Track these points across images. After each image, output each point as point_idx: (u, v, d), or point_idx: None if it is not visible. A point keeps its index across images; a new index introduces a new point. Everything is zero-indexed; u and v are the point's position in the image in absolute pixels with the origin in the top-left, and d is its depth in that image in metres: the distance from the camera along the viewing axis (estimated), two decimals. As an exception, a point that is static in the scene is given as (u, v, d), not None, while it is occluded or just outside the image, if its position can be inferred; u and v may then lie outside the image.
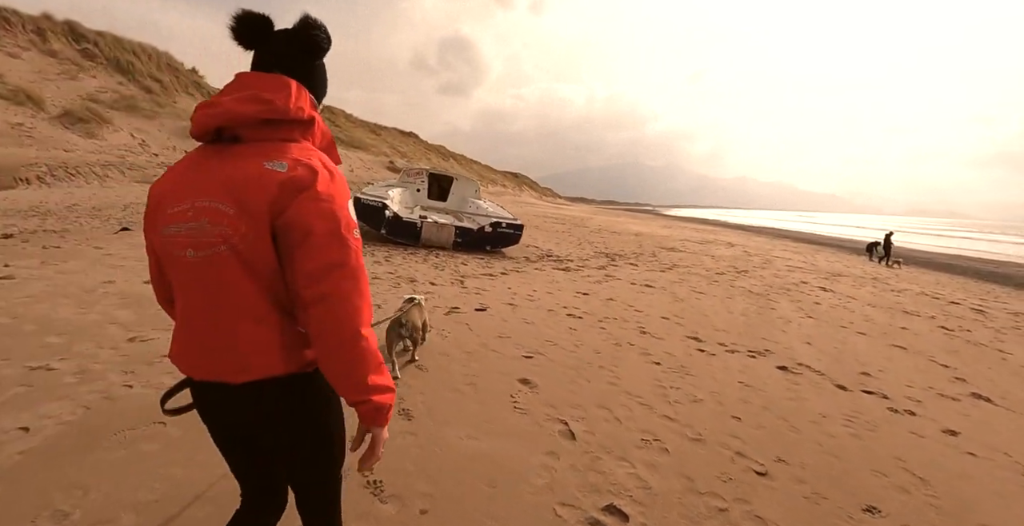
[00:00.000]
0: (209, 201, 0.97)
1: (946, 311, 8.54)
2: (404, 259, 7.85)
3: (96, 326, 3.58)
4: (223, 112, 0.99)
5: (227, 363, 1.01)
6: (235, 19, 1.06)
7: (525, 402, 3.13)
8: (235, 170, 0.98)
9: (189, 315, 1.04)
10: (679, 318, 5.97)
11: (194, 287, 1.00)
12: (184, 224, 0.97)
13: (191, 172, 1.03)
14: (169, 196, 1.02)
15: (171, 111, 22.55)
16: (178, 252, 0.98)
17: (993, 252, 28.11)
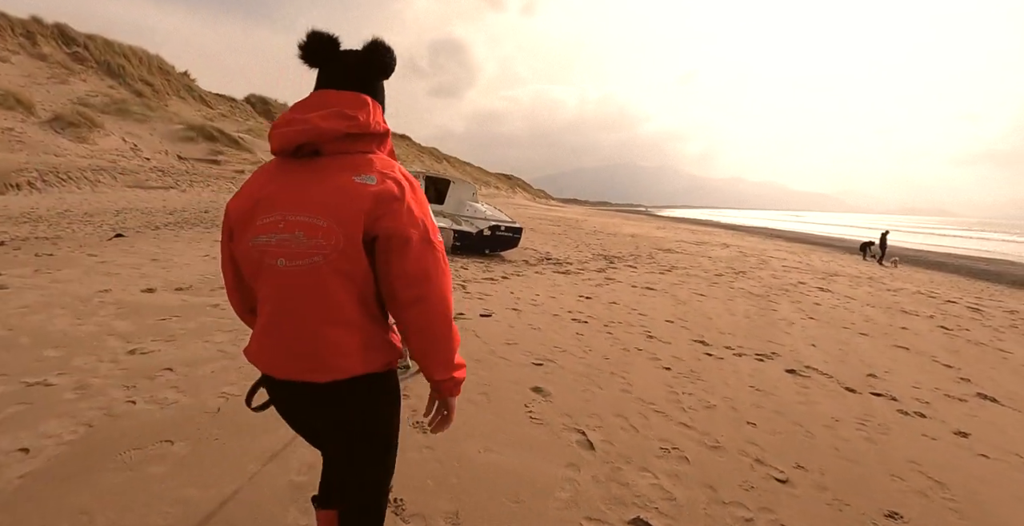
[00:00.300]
0: (303, 215, 1.03)
1: (943, 310, 8.57)
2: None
3: (94, 338, 3.46)
4: (311, 128, 1.04)
5: (313, 364, 1.07)
6: (306, 38, 1.11)
7: (540, 412, 3.05)
8: (326, 185, 1.05)
9: (277, 320, 1.08)
10: (683, 321, 5.91)
11: (284, 294, 1.06)
12: (276, 235, 1.04)
13: (276, 185, 1.09)
14: (257, 208, 1.08)
15: (163, 115, 22.29)
16: (269, 261, 1.05)
17: (982, 250, 28.43)
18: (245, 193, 1.12)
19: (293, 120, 1.06)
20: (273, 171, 1.11)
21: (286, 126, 1.06)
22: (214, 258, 6.81)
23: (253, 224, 1.07)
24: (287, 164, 1.11)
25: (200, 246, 7.83)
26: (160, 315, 4.09)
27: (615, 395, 3.48)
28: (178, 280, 5.38)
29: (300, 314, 1.05)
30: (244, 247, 1.10)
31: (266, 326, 1.10)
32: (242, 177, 21.51)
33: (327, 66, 1.13)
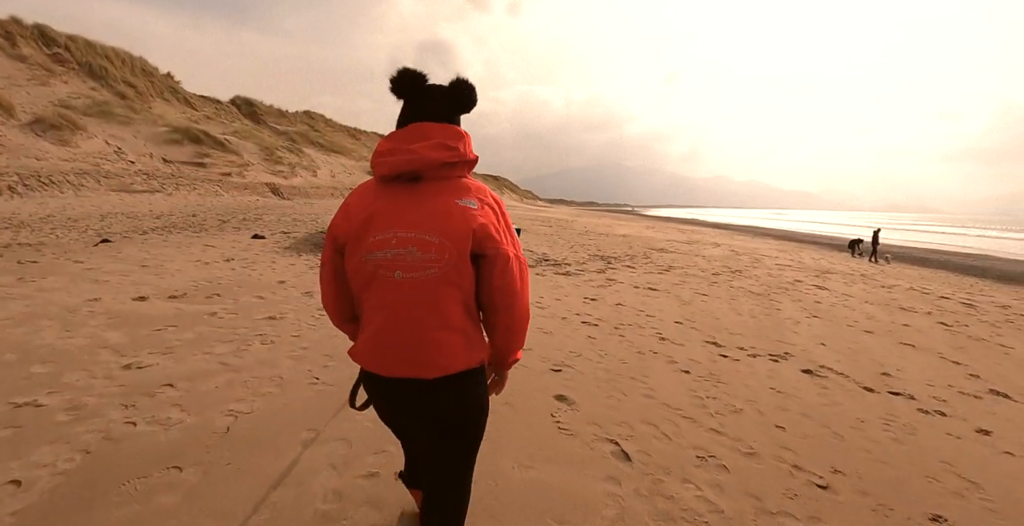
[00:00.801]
0: (414, 233, 1.16)
1: (939, 306, 8.57)
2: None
3: (86, 352, 3.21)
4: (418, 158, 1.17)
5: (422, 363, 1.20)
6: (398, 74, 1.23)
7: (568, 421, 2.88)
8: (433, 206, 1.19)
9: (391, 325, 1.20)
10: (692, 322, 5.79)
11: (400, 302, 1.19)
12: (390, 251, 1.17)
13: (384, 206, 1.21)
14: (369, 226, 1.20)
15: (147, 117, 21.72)
16: (384, 273, 1.18)
17: (966, 246, 28.84)
18: (351, 212, 1.24)
19: (397, 149, 1.19)
20: (377, 193, 1.24)
21: (391, 155, 1.19)
22: (206, 263, 6.53)
23: (366, 241, 1.19)
24: (390, 187, 1.24)
25: (191, 251, 7.53)
26: (154, 325, 3.84)
27: (640, 401, 3.33)
28: (171, 287, 5.11)
29: (414, 319, 1.19)
30: (357, 261, 1.22)
31: (380, 330, 1.22)
32: (229, 180, 21.03)
33: (417, 99, 1.25)
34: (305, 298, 5.09)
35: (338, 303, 1.36)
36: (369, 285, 1.21)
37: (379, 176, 1.24)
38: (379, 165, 1.21)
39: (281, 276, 6.11)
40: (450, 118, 1.26)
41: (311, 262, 7.32)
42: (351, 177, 36.81)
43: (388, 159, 1.19)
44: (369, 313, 1.24)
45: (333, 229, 1.27)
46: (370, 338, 1.24)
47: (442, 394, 1.24)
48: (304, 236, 10.46)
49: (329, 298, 1.37)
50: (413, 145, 1.18)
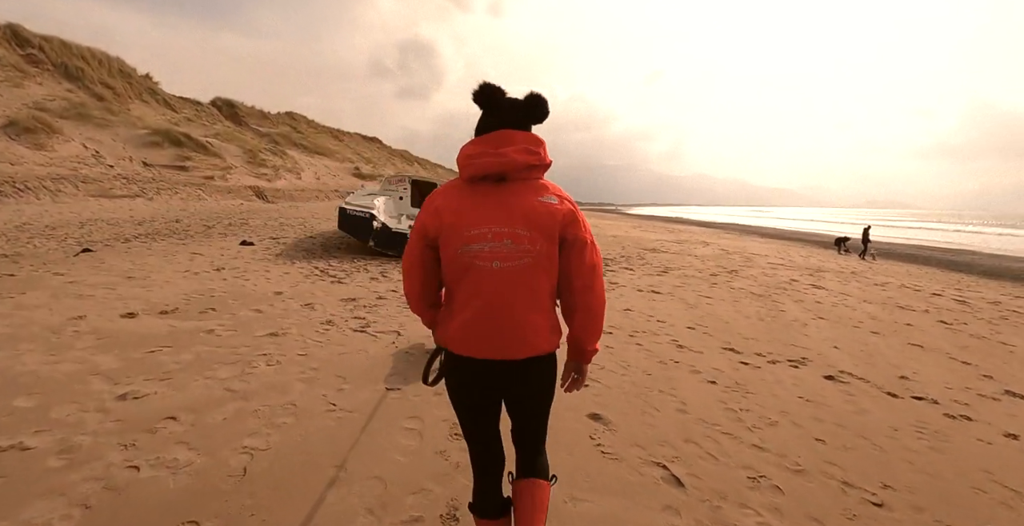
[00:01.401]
0: (507, 227, 1.29)
1: (934, 304, 8.58)
2: (399, 273, 7.23)
3: (74, 379, 2.89)
4: (508, 161, 1.30)
5: (515, 345, 1.33)
6: (481, 87, 1.34)
7: (610, 444, 2.68)
8: (521, 204, 1.31)
9: (488, 310, 1.31)
10: (704, 327, 5.64)
11: (498, 289, 1.30)
12: (487, 243, 1.29)
13: (474, 203, 1.32)
14: (461, 222, 1.31)
15: (125, 119, 20.96)
16: (483, 263, 1.30)
17: (945, 241, 29.23)
18: (441, 210, 1.34)
19: (486, 153, 1.31)
20: (465, 192, 1.35)
21: (480, 157, 1.30)
22: (196, 274, 6.18)
23: (462, 235, 1.30)
24: (479, 186, 1.35)
25: (177, 260, 7.14)
26: (147, 346, 3.52)
27: (675, 417, 3.15)
28: (161, 301, 4.77)
29: (511, 304, 1.31)
30: (452, 253, 1.33)
31: (475, 316, 1.32)
32: (212, 183, 20.39)
33: (496, 109, 1.36)
34: (306, 311, 4.79)
35: (424, 291, 1.48)
36: (465, 275, 1.32)
37: (468, 176, 1.35)
38: (469, 167, 1.33)
39: (277, 286, 5.79)
40: (526, 127, 1.38)
41: (305, 270, 6.99)
42: (336, 179, 36.15)
43: (478, 161, 1.31)
44: (462, 300, 1.35)
45: (423, 226, 1.38)
46: (464, 324, 1.35)
47: (529, 372, 1.39)
48: (294, 242, 10.09)
49: (415, 287, 1.47)
50: (501, 149, 1.31)
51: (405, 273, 1.49)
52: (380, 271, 7.32)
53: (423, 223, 1.38)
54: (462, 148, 1.37)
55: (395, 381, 3.24)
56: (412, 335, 4.31)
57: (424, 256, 1.41)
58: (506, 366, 1.35)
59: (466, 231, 1.31)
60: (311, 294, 5.51)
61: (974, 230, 48.94)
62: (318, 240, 10.64)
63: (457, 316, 1.37)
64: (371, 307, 5.13)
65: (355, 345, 3.88)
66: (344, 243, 10.29)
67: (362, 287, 6.09)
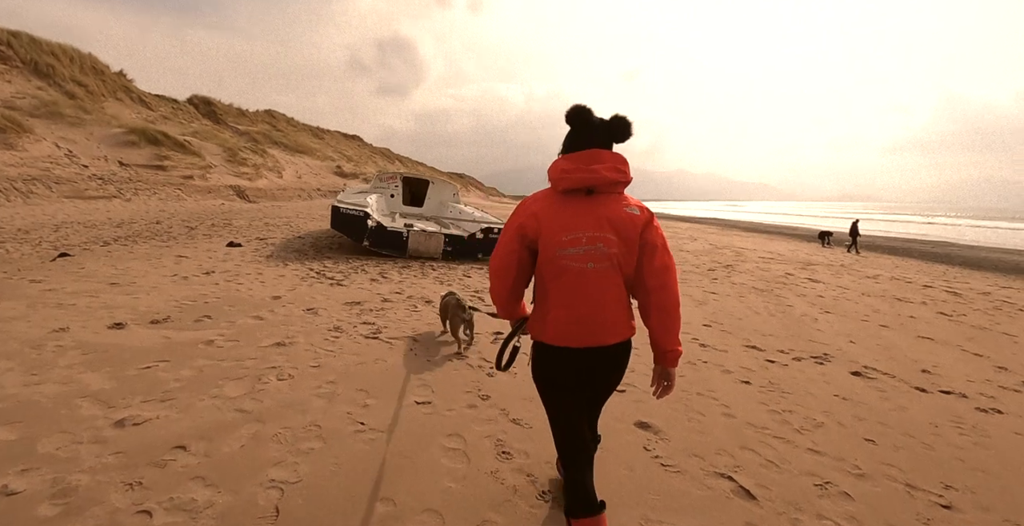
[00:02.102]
0: (597, 233, 1.47)
1: (929, 296, 8.59)
2: (401, 275, 6.88)
3: (62, 403, 2.50)
4: (598, 177, 1.48)
5: (606, 333, 1.51)
6: (573, 108, 1.53)
7: (667, 455, 2.46)
8: (609, 213, 1.49)
9: (581, 304, 1.48)
10: (719, 324, 5.46)
11: (589, 286, 1.48)
12: (582, 247, 1.47)
13: (569, 212, 1.49)
14: (557, 228, 1.48)
15: (99, 117, 19.97)
16: (578, 265, 1.47)
17: (920, 233, 29.79)
18: (540, 216, 1.50)
19: (579, 169, 1.48)
20: (560, 201, 1.51)
21: (574, 173, 1.48)
22: (185, 278, 5.75)
23: (558, 239, 1.47)
24: (571, 197, 1.51)
25: (162, 263, 6.67)
26: (141, 361, 3.14)
27: (723, 422, 2.95)
28: (150, 309, 4.36)
29: (602, 299, 1.49)
30: (550, 255, 1.49)
31: (572, 311, 1.49)
32: (191, 183, 19.60)
33: (584, 128, 1.52)
34: (309, 316, 4.43)
35: (515, 288, 1.61)
36: (562, 274, 1.47)
37: (563, 189, 1.49)
38: (563, 180, 1.48)
39: (273, 290, 5.41)
40: (609, 145, 1.52)
41: (300, 272, 6.60)
42: (318, 178, 35.27)
43: (573, 175, 1.46)
44: (558, 298, 1.50)
45: (523, 229, 1.51)
46: (562, 318, 1.49)
47: (617, 355, 1.55)
48: (283, 242, 9.63)
49: (507, 285, 1.59)
50: (592, 166, 1.46)
51: (497, 272, 1.60)
52: (379, 272, 6.96)
53: (521, 226, 1.52)
54: (555, 163, 1.53)
55: (423, 393, 2.94)
56: (428, 341, 4.00)
57: (521, 257, 1.55)
58: (598, 351, 1.51)
59: (562, 236, 1.46)
60: (311, 298, 5.14)
61: (947, 222, 50.11)
62: (307, 240, 10.19)
63: (554, 311, 1.51)
64: (378, 311, 4.80)
65: (371, 354, 3.55)
66: (336, 243, 9.87)
67: (364, 289, 5.74)
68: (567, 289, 1.48)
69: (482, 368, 3.48)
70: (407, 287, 6.03)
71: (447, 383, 3.14)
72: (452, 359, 3.60)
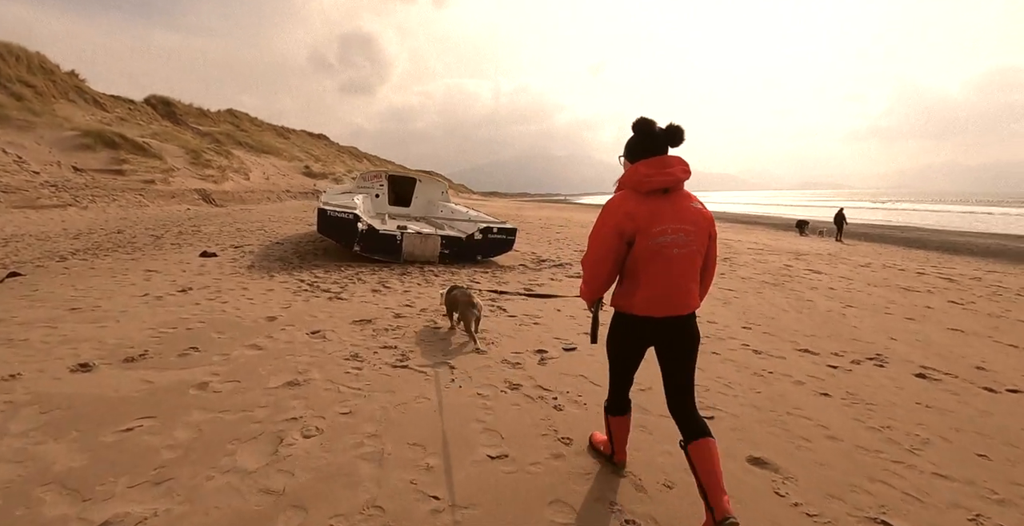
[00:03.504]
0: (679, 225, 1.74)
1: (929, 284, 8.47)
2: (403, 283, 6.18)
3: (15, 499, 1.79)
4: (675, 179, 1.76)
5: (683, 304, 1.79)
6: (641, 121, 1.84)
7: (805, 500, 2.02)
8: (685, 208, 1.78)
9: (668, 283, 1.76)
10: (756, 325, 5.04)
11: (675, 269, 1.75)
12: (670, 236, 1.73)
13: (654, 208, 1.74)
14: (649, 221, 1.73)
15: (51, 120, 18.22)
16: (667, 251, 1.73)
17: (886, 219, 30.26)
18: (633, 213, 1.74)
19: (658, 172, 1.75)
20: (644, 200, 1.76)
21: (656, 176, 1.74)
22: (159, 298, 4.93)
23: (652, 231, 1.72)
24: (651, 197, 1.76)
25: (130, 280, 5.78)
26: (120, 420, 2.40)
27: (832, 448, 2.54)
28: (122, 342, 3.58)
29: (685, 277, 1.78)
30: (646, 244, 1.73)
31: (657, 288, 1.76)
32: (153, 187, 18.13)
33: (651, 137, 1.82)
34: (317, 342, 3.73)
35: (612, 274, 1.87)
36: (654, 259, 1.74)
37: (646, 190, 1.76)
38: (646, 182, 1.75)
39: (266, 309, 4.66)
40: (667, 149, 1.82)
41: (290, 285, 5.82)
42: (286, 179, 33.60)
43: (654, 179, 1.74)
44: (649, 278, 1.76)
45: (620, 226, 1.75)
46: (652, 293, 1.77)
47: (688, 323, 1.84)
48: (261, 250, 8.74)
49: (606, 272, 1.85)
50: (667, 170, 1.75)
51: (596, 263, 1.83)
52: (378, 281, 6.24)
53: (618, 224, 1.75)
54: (636, 167, 1.78)
55: (491, 441, 2.33)
56: (467, 365, 3.38)
57: (619, 248, 1.78)
58: (675, 319, 1.80)
59: (654, 228, 1.72)
60: (311, 317, 4.43)
61: (909, 207, 51.64)
62: (287, 246, 9.32)
63: (644, 288, 1.77)
64: (394, 330, 4.13)
65: (407, 389, 2.91)
66: (319, 248, 9.05)
67: (368, 303, 5.05)
68: (657, 271, 1.74)
69: (544, 399, 2.90)
70: (415, 298, 5.36)
71: (513, 424, 2.55)
72: (506, 390, 3.01)
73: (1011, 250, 15.25)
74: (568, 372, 3.37)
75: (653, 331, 1.82)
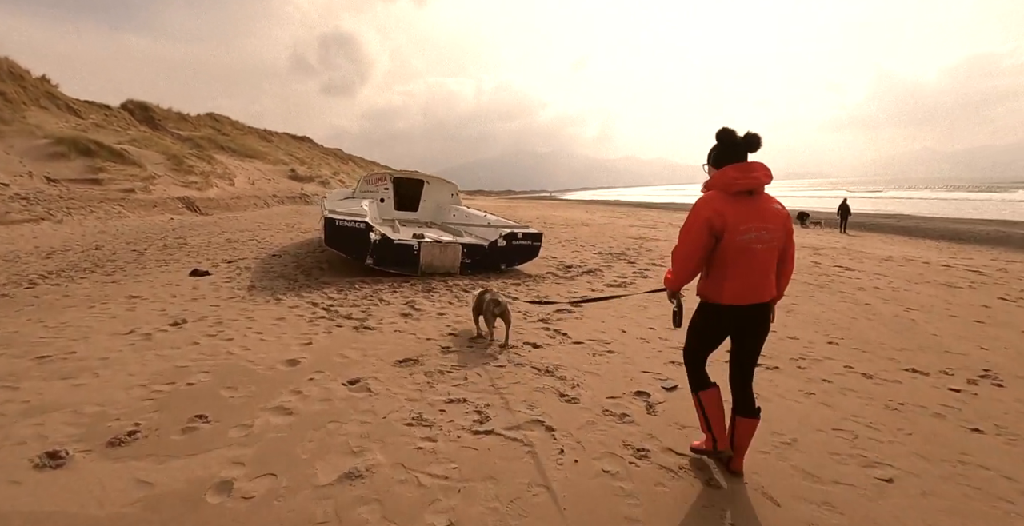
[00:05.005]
0: (763, 223, 1.91)
1: (963, 277, 7.98)
2: (433, 303, 5.27)
3: None
4: (759, 182, 1.93)
5: (763, 293, 1.97)
6: (725, 130, 2.02)
7: None
8: (767, 208, 1.95)
9: (752, 275, 1.94)
10: (837, 338, 4.39)
11: (757, 262, 1.92)
12: (754, 233, 1.90)
13: (741, 208, 1.91)
14: (735, 220, 1.89)
15: (21, 128, 16.67)
16: (752, 246, 1.90)
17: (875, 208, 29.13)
18: (723, 212, 1.90)
19: (744, 176, 1.92)
20: (731, 200, 1.92)
21: (742, 179, 1.91)
22: (147, 336, 3.99)
23: (739, 229, 1.88)
24: (738, 198, 1.93)
25: (111, 311, 4.79)
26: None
27: None
28: (105, 411, 2.66)
29: (766, 270, 1.96)
30: (733, 240, 1.89)
31: (744, 279, 1.93)
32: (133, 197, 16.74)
33: (733, 145, 2.00)
34: (362, 398, 2.85)
35: (699, 265, 2.00)
36: (741, 254, 1.90)
37: (734, 191, 1.92)
38: (734, 185, 1.91)
39: (282, 348, 3.75)
40: (746, 156, 2.00)
41: (302, 310, 4.89)
42: (272, 183, 32.04)
43: (741, 182, 1.91)
44: (736, 270, 1.92)
45: (710, 222, 1.89)
46: (739, 284, 1.93)
47: (766, 310, 2.02)
48: (259, 265, 7.72)
49: (694, 267, 1.98)
50: (753, 174, 1.92)
51: (685, 258, 1.98)
52: (403, 300, 5.35)
53: (709, 219, 1.89)
54: (725, 171, 1.94)
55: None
56: (565, 422, 2.57)
57: (708, 242, 1.92)
58: (756, 307, 1.97)
59: (741, 226, 1.88)
60: (342, 357, 3.55)
61: (895, 196, 50.94)
62: (286, 259, 8.33)
63: (732, 279, 1.93)
64: (450, 372, 3.27)
65: (510, 473, 2.08)
66: (323, 260, 8.09)
67: (404, 333, 4.17)
68: (744, 264, 1.91)
69: (686, 471, 2.11)
70: (454, 322, 4.49)
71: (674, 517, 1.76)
72: (634, 460, 2.21)
73: (1014, 237, 14.98)
74: (687, 422, 2.59)
75: (737, 317, 1.99)
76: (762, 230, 1.88)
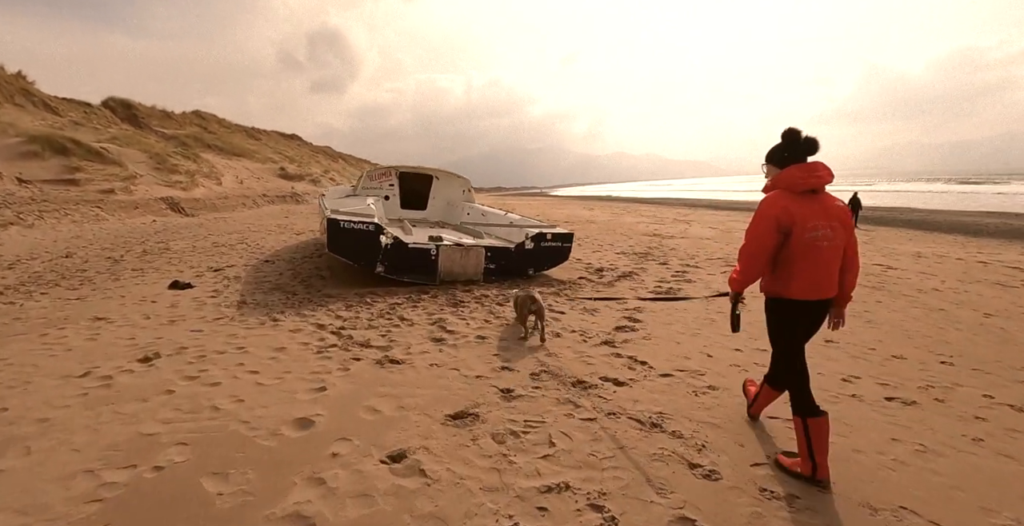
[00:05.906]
0: (827, 221, 1.94)
1: (1008, 275, 7.36)
2: (464, 320, 4.29)
3: None
4: (822, 181, 1.97)
5: (828, 290, 1.99)
6: (792, 132, 2.03)
7: None
8: (831, 206, 1.98)
9: (820, 271, 1.95)
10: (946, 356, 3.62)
11: (824, 258, 1.94)
12: (819, 231, 1.92)
13: (806, 207, 1.94)
14: (802, 218, 1.92)
15: (-11, 126, 15.25)
16: (819, 244, 1.92)
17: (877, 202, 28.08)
18: (789, 209, 1.93)
19: (809, 176, 1.96)
20: (797, 199, 1.96)
21: (807, 179, 1.96)
22: (106, 380, 3.01)
23: (806, 226, 1.91)
24: (803, 196, 1.97)
25: (68, 340, 3.78)
26: None
27: None
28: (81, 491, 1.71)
29: (832, 266, 1.97)
30: (800, 237, 1.92)
31: (812, 275, 1.95)
32: (112, 198, 15.42)
33: (796, 146, 2.03)
34: (417, 489, 1.92)
35: (767, 264, 2.02)
36: (808, 251, 1.92)
37: (799, 190, 1.96)
38: (799, 184, 1.96)
39: (288, 398, 2.78)
40: (806, 157, 2.03)
41: (307, 337, 3.92)
42: (261, 182, 30.54)
43: (807, 181, 1.95)
44: (805, 266, 1.94)
45: (779, 220, 1.92)
46: (807, 280, 1.95)
47: (828, 306, 2.06)
48: (249, 274, 6.67)
49: (763, 263, 2.00)
50: (816, 173, 1.96)
51: (753, 256, 2.00)
52: (429, 319, 4.38)
53: (777, 217, 1.93)
54: (791, 170, 1.99)
55: None
56: (722, 514, 1.69)
57: (776, 240, 1.95)
58: (823, 301, 2.01)
59: (808, 223, 1.91)
60: (371, 413, 2.59)
61: (889, 189, 50.12)
62: (280, 266, 7.28)
63: (799, 276, 1.95)
64: (527, 434, 2.33)
65: None
66: (322, 266, 7.07)
67: (444, 368, 3.22)
68: (812, 260, 1.93)
69: None
70: (506, 350, 3.53)
71: None
72: None
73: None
74: (875, 494, 1.70)
75: (806, 312, 2.02)
76: (827, 228, 1.93)
